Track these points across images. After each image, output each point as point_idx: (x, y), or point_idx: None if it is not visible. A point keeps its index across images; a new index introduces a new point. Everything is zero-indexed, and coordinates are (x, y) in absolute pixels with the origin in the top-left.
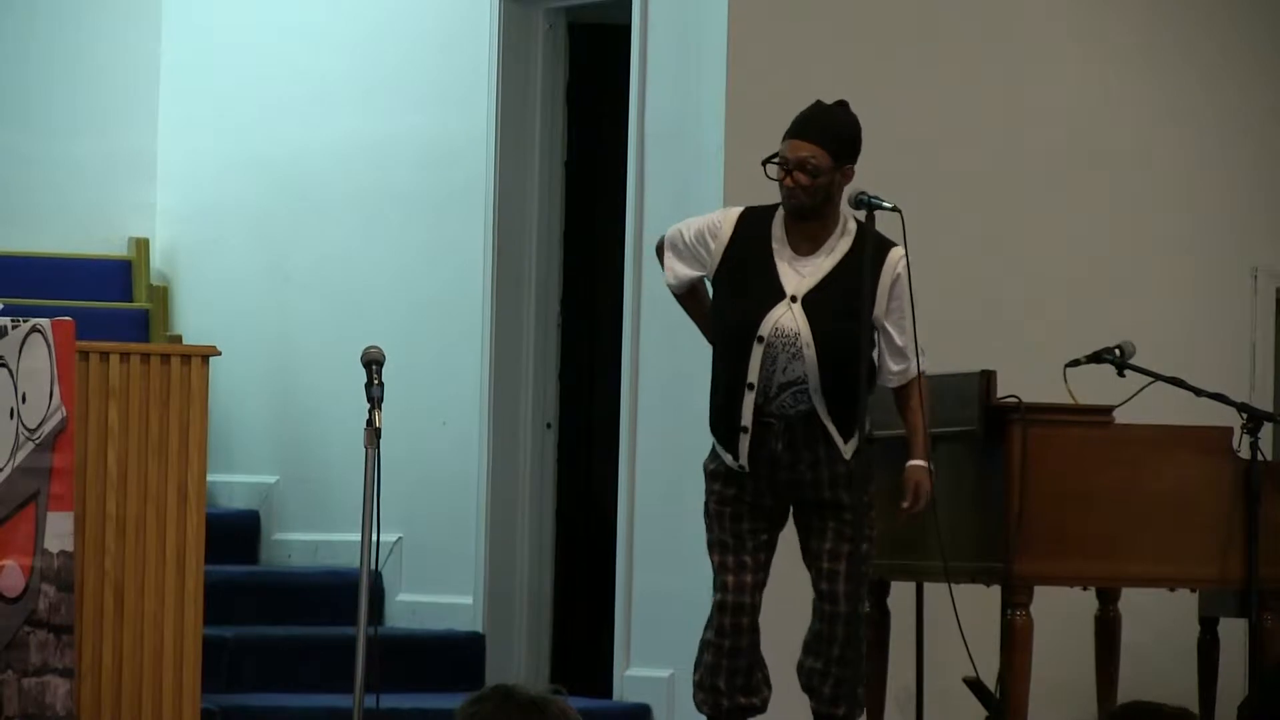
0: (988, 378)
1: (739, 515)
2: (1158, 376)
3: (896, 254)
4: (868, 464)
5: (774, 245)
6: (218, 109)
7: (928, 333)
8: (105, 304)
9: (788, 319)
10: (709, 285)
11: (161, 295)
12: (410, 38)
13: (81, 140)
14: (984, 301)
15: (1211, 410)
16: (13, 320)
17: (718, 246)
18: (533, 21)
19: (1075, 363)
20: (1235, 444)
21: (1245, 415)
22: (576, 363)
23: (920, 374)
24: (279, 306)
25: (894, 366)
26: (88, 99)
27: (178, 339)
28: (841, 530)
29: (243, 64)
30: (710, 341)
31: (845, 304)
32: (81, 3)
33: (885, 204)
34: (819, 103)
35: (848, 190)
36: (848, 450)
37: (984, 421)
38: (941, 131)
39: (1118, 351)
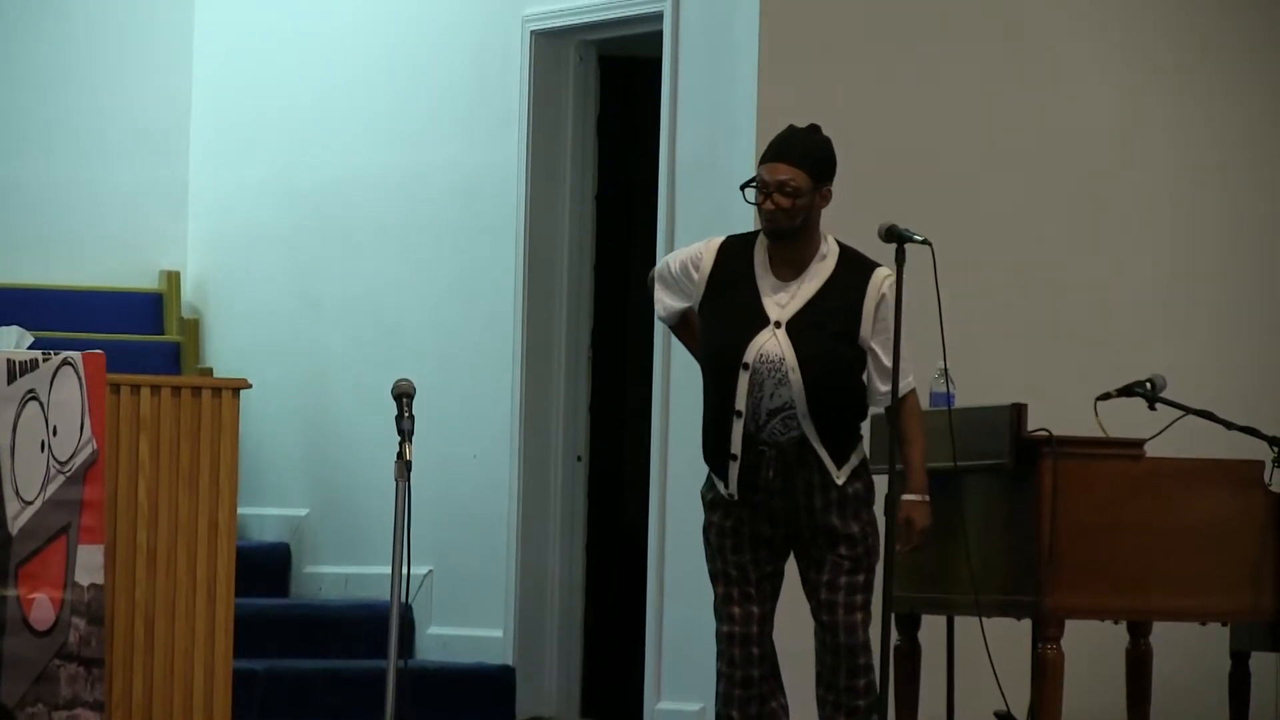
0: (1018, 411)
1: (740, 546)
2: (1188, 410)
3: (881, 274)
4: (869, 488)
5: (756, 271)
6: (249, 140)
7: (957, 365)
8: (136, 337)
9: (772, 344)
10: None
11: (192, 328)
12: (442, 70)
13: (112, 171)
14: (1014, 334)
15: (1243, 444)
16: (44, 353)
17: (701, 277)
18: (564, 54)
19: (1106, 396)
20: (1267, 477)
21: (1277, 449)
22: (607, 395)
23: (911, 395)
24: (310, 339)
25: (882, 388)
26: (118, 130)
27: (208, 371)
28: (839, 562)
29: (274, 95)
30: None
31: (830, 327)
32: (112, 32)
33: (916, 237)
34: (792, 126)
35: (878, 223)
36: (841, 475)
37: (1015, 454)
38: (972, 164)
39: (1148, 385)
